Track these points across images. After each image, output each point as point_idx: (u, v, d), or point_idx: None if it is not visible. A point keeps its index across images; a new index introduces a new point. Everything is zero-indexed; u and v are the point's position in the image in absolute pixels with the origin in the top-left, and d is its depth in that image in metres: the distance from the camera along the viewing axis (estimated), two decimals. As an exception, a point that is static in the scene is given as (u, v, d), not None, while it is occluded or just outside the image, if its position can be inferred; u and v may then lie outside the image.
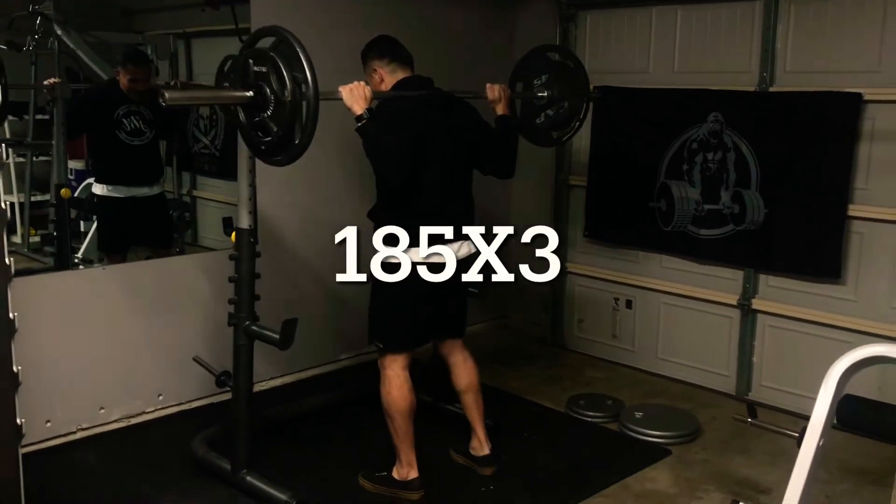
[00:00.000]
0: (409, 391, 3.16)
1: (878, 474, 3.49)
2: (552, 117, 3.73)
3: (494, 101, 3.34)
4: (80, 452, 3.62)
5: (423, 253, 3.06)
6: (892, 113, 3.75)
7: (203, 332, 4.09)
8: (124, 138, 4.33)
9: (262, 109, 2.72)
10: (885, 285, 3.86)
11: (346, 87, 2.91)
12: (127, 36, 4.79)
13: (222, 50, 4.72)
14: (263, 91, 2.69)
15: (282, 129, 2.68)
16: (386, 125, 2.93)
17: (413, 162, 2.97)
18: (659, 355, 4.75)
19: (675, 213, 4.49)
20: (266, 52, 2.70)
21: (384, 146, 2.90)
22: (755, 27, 4.13)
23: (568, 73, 3.68)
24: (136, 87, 4.31)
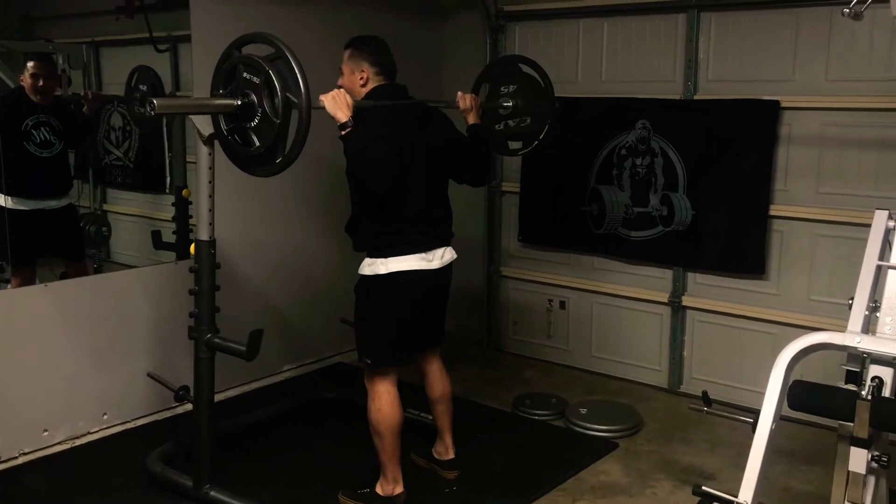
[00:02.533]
0: (399, 407, 3.16)
1: (807, 454, 3.75)
2: (513, 128, 3.77)
3: (466, 111, 3.40)
4: (25, 477, 3.48)
5: (410, 261, 3.09)
6: (807, 119, 4.04)
7: (146, 347, 4.02)
8: (33, 150, 4.17)
9: (248, 120, 2.71)
10: (805, 279, 4.15)
11: (327, 95, 2.92)
12: (36, 44, 4.63)
13: (133, 59, 4.65)
14: (251, 101, 2.69)
15: (268, 141, 2.69)
16: (371, 132, 2.92)
17: (397, 167, 2.98)
18: (593, 353, 4.93)
19: (605, 217, 4.68)
20: (259, 62, 2.69)
21: (371, 153, 2.88)
22: (678, 39, 4.37)
23: (537, 90, 3.71)
24: (40, 86, 4.12)
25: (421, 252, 3.11)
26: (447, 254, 3.24)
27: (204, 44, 4.11)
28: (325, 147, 4.69)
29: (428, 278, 3.15)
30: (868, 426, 2.49)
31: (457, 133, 3.35)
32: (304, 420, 4.08)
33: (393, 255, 3.07)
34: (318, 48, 4.62)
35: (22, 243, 4.27)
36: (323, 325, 4.80)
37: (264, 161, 2.79)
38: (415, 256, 3.10)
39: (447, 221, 3.30)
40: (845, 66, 3.91)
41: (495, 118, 3.73)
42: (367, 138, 2.90)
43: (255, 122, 2.73)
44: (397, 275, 3.08)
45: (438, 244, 3.19)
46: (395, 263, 3.08)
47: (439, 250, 3.19)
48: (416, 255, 3.10)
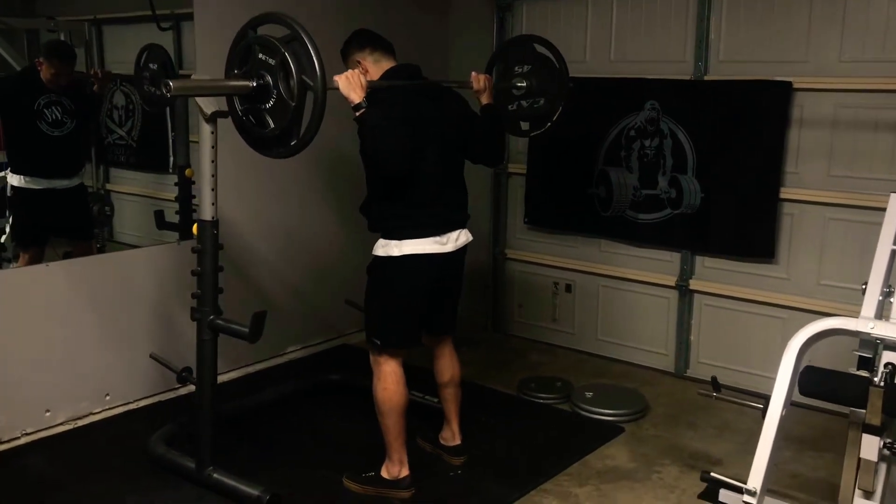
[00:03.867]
0: (405, 387, 3.14)
1: (814, 441, 3.72)
2: (525, 109, 3.73)
3: (479, 91, 3.35)
4: (27, 458, 3.46)
5: (424, 244, 3.06)
6: (820, 100, 3.97)
7: (149, 328, 4.00)
8: (45, 129, 4.14)
9: (263, 101, 2.69)
10: (815, 263, 4.10)
11: (340, 76, 2.87)
12: (38, 21, 4.57)
13: (135, 37, 4.59)
14: (266, 82, 2.67)
15: (283, 123, 2.68)
16: (383, 113, 2.89)
17: (413, 150, 2.94)
18: (599, 337, 4.89)
19: (613, 199, 4.63)
20: (275, 43, 2.65)
21: (385, 133, 2.85)
22: (689, 18, 4.29)
23: (552, 71, 3.67)
24: (58, 81, 4.13)
25: (435, 235, 3.07)
26: (462, 236, 3.20)
27: (206, 22, 4.07)
28: (332, 126, 4.64)
29: (441, 261, 3.11)
30: (881, 413, 2.45)
31: (471, 113, 3.31)
32: (309, 402, 4.05)
33: (407, 237, 3.04)
34: (324, 31, 4.55)
35: (32, 223, 4.26)
36: (327, 306, 4.77)
37: (279, 143, 2.77)
38: (429, 239, 3.06)
39: (463, 203, 3.26)
40: (860, 47, 3.83)
41: (508, 98, 3.69)
42: (380, 119, 2.86)
43: (271, 104, 2.71)
44: (410, 257, 3.04)
45: (453, 227, 3.15)
46: (409, 246, 3.04)
47: (454, 233, 3.15)
48: (430, 238, 3.06)
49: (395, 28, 4.87)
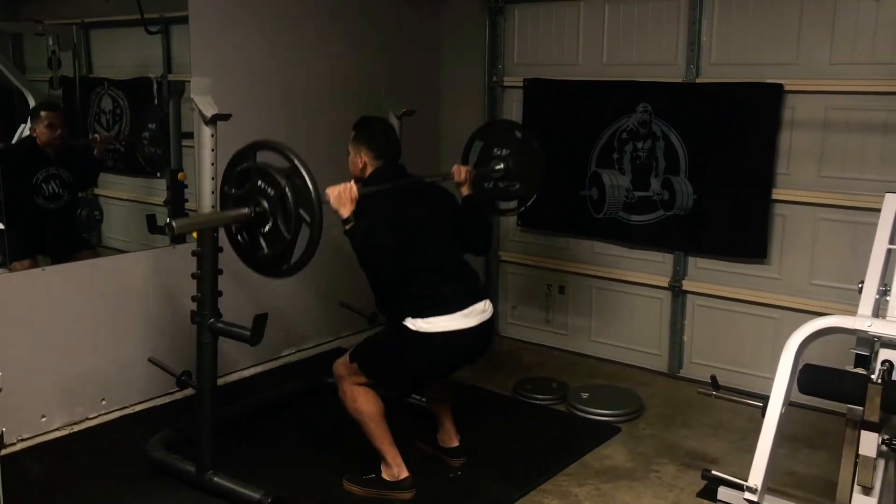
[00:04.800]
0: (374, 394, 3.15)
1: (809, 438, 3.76)
2: (502, 189, 3.83)
3: (460, 184, 3.46)
4: (24, 463, 3.44)
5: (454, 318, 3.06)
6: (811, 102, 4.01)
7: (144, 332, 3.98)
8: (41, 203, 4.12)
9: (259, 226, 2.79)
10: (806, 263, 4.14)
11: (333, 189, 2.96)
12: (25, 25, 4.55)
13: (124, 41, 4.58)
14: (263, 209, 2.76)
15: (277, 250, 2.78)
16: (373, 218, 2.99)
17: (403, 252, 3.02)
18: (592, 338, 4.92)
19: (606, 201, 4.66)
20: (275, 177, 2.73)
21: (374, 243, 2.96)
22: (681, 21, 4.33)
23: (529, 157, 3.77)
24: (54, 135, 4.08)
25: (460, 309, 3.08)
26: (488, 306, 3.21)
27: (201, 24, 4.06)
28: (329, 128, 4.68)
29: (466, 337, 3.11)
30: (879, 410, 2.49)
31: (456, 205, 3.40)
32: (307, 405, 4.05)
33: (435, 314, 3.04)
34: (317, 30, 4.60)
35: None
36: (323, 309, 4.77)
37: (271, 265, 2.87)
38: (456, 315, 3.06)
39: (475, 275, 3.31)
40: (850, 49, 3.88)
41: (486, 176, 3.79)
42: (367, 230, 2.97)
43: (266, 229, 2.80)
44: (440, 335, 3.04)
45: (475, 298, 3.16)
46: (440, 322, 3.04)
47: (479, 304, 3.15)
48: (457, 313, 3.06)
49: (387, 26, 4.94)
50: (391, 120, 4.13)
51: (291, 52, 4.48)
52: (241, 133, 4.09)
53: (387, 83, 4.53)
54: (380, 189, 3.14)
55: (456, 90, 5.27)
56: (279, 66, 4.43)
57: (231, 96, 3.91)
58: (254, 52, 4.31)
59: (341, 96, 4.72)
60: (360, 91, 4.74)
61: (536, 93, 4.85)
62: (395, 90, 4.43)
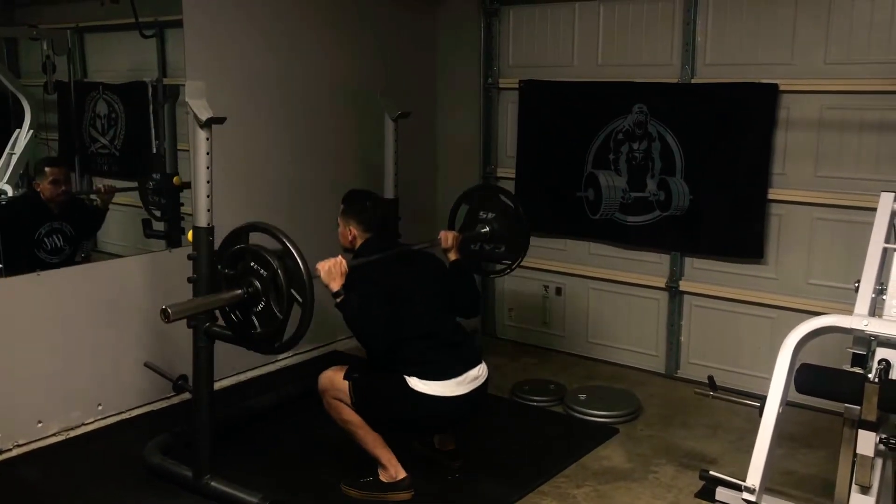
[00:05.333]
0: None
1: (806, 438, 3.76)
2: (488, 251, 3.94)
3: (447, 250, 3.51)
4: (20, 469, 3.43)
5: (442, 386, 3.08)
6: (806, 102, 4.02)
7: (140, 337, 3.97)
8: (43, 257, 4.08)
9: (252, 305, 2.84)
10: (803, 263, 4.14)
11: (324, 264, 3.02)
12: (20, 29, 4.54)
13: (118, 45, 4.56)
14: (255, 289, 2.82)
15: (269, 329, 2.83)
16: (363, 291, 3.05)
17: (394, 323, 3.06)
18: (589, 339, 4.92)
19: (602, 202, 4.66)
20: (267, 259, 2.79)
21: (365, 316, 3.03)
22: (676, 21, 4.34)
23: (514, 223, 3.88)
24: (58, 190, 4.08)
25: (451, 378, 3.10)
26: (482, 370, 3.24)
27: (196, 29, 4.05)
28: (322, 134, 4.68)
29: (458, 403, 3.13)
30: (876, 409, 2.49)
31: (444, 268, 3.46)
32: (304, 409, 4.02)
33: (430, 378, 3.07)
34: (311, 31, 4.60)
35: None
36: (318, 314, 4.73)
37: (263, 343, 2.93)
38: (446, 382, 3.09)
39: (468, 341, 3.33)
40: (845, 49, 3.89)
41: (472, 239, 3.88)
42: (358, 304, 3.03)
43: (258, 309, 2.85)
44: (433, 398, 3.07)
45: (467, 366, 3.17)
46: (430, 386, 3.06)
47: (472, 371, 3.18)
48: (446, 381, 3.09)
49: (383, 29, 4.94)
50: (387, 122, 4.13)
51: (287, 54, 4.47)
52: (239, 136, 4.13)
53: (382, 85, 4.52)
54: (369, 261, 3.21)
55: (452, 92, 5.27)
56: (275, 69, 4.43)
57: (227, 99, 3.92)
58: (249, 55, 4.30)
59: (338, 98, 4.72)
60: (356, 93, 4.74)
61: (532, 94, 4.85)
62: (392, 92, 4.42)
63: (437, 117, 5.36)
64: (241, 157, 4.25)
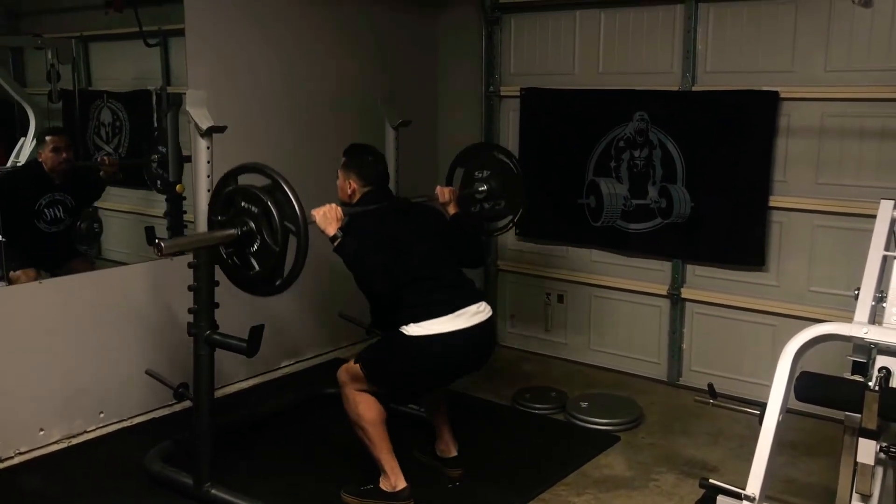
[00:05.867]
0: (377, 402, 3.14)
1: (808, 446, 3.75)
2: (488, 210, 3.91)
3: (445, 204, 3.51)
4: (21, 477, 3.43)
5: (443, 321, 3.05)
6: (806, 109, 4.02)
7: (142, 345, 3.98)
8: (43, 227, 4.15)
9: (247, 245, 2.84)
10: (804, 270, 4.14)
11: (318, 210, 3.02)
12: (24, 39, 4.57)
13: (122, 53, 4.59)
14: (250, 228, 2.81)
15: (267, 266, 2.83)
16: (361, 238, 3.03)
17: (395, 266, 3.04)
18: (592, 346, 4.91)
19: (603, 209, 4.66)
20: (257, 194, 2.78)
21: (365, 259, 3.01)
22: (676, 29, 4.34)
23: (509, 175, 3.87)
24: (60, 158, 4.12)
25: (448, 313, 3.07)
26: (484, 307, 3.21)
27: (198, 37, 4.07)
28: (324, 141, 4.69)
29: (461, 340, 3.09)
30: (876, 417, 2.48)
31: (444, 221, 3.46)
32: (305, 416, 4.04)
33: (423, 319, 3.04)
34: (313, 40, 4.62)
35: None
36: (321, 320, 4.77)
37: (264, 283, 2.92)
38: (442, 318, 3.05)
39: (469, 281, 3.30)
40: (845, 56, 3.89)
41: (471, 201, 3.85)
42: (357, 246, 3.02)
43: (255, 248, 2.85)
44: (432, 338, 3.04)
45: (469, 300, 3.15)
46: (431, 325, 3.04)
47: (472, 306, 3.15)
48: (443, 316, 3.05)
49: (385, 37, 4.95)
50: (388, 130, 4.15)
51: (289, 62, 4.49)
52: (241, 144, 4.13)
53: (383, 93, 4.54)
54: (365, 210, 3.20)
55: (453, 100, 5.29)
56: (277, 77, 4.45)
57: (229, 108, 3.93)
58: (251, 64, 4.32)
59: (340, 105, 4.74)
60: (359, 100, 4.75)
61: (533, 102, 4.86)
62: (393, 100, 4.44)
63: (439, 125, 5.37)
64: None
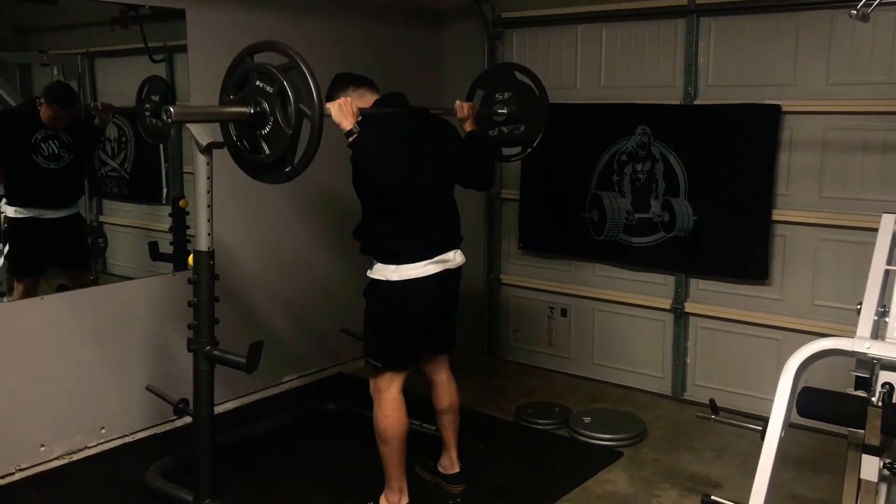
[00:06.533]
0: (405, 414, 3.13)
1: (813, 461, 3.71)
2: (506, 135, 3.79)
3: (463, 119, 3.41)
4: (22, 493, 3.43)
5: (422, 267, 3.07)
6: (809, 123, 4.01)
7: (144, 360, 3.98)
8: (41, 162, 4.14)
9: (259, 128, 2.72)
10: (808, 284, 4.12)
11: (333, 103, 2.91)
12: (31, 55, 4.59)
13: (128, 70, 4.60)
14: (263, 109, 2.71)
15: (278, 150, 2.71)
16: (377, 137, 2.93)
17: (410, 171, 2.98)
18: (595, 361, 4.89)
19: (606, 223, 4.65)
20: (273, 72, 2.68)
21: (382, 156, 2.90)
22: (678, 43, 4.34)
23: (532, 98, 3.73)
24: (57, 123, 4.13)
25: (432, 256, 3.09)
26: (458, 256, 3.22)
27: (200, 53, 4.09)
28: (327, 153, 4.68)
29: (439, 280, 3.12)
30: (880, 433, 2.45)
31: (459, 137, 3.36)
32: (306, 432, 4.03)
33: (404, 261, 3.05)
34: (316, 56, 4.62)
35: (28, 253, 4.23)
36: (323, 335, 4.76)
37: (273, 169, 2.81)
38: (426, 262, 3.07)
39: (456, 223, 3.28)
40: (847, 70, 3.88)
41: (490, 125, 3.74)
42: (375, 143, 2.90)
43: (266, 131, 2.75)
44: (410, 282, 3.05)
45: (448, 247, 3.17)
46: (407, 271, 3.05)
47: (450, 253, 3.17)
48: (427, 260, 3.07)
49: (387, 52, 4.96)
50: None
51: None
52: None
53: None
54: (381, 112, 3.09)
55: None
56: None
57: (230, 124, 3.94)
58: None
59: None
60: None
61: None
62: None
63: (442, 139, 5.36)
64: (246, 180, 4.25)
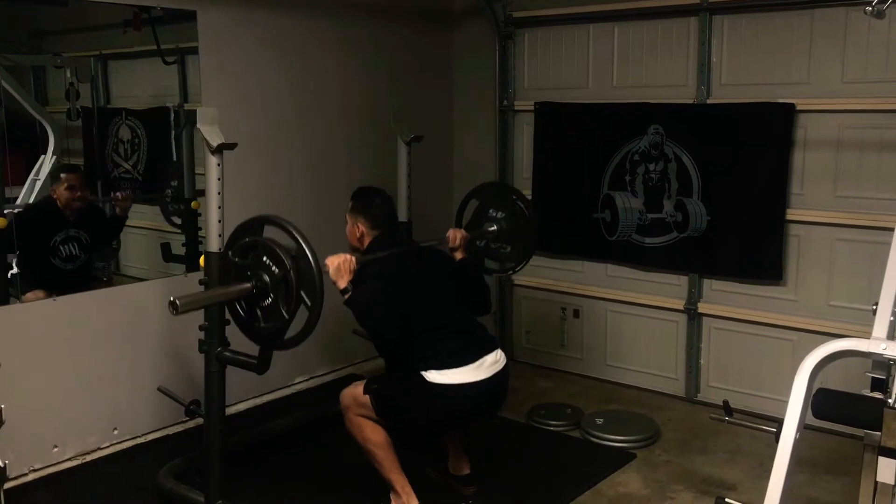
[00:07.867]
0: (381, 426, 3.13)
1: (829, 464, 3.68)
2: (493, 250, 3.93)
3: (454, 249, 3.51)
4: (35, 494, 3.44)
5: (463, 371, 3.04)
6: (823, 121, 3.97)
7: (156, 361, 3.99)
8: (58, 264, 4.12)
9: (259, 300, 2.83)
10: (823, 284, 4.08)
11: (333, 260, 3.02)
12: (45, 58, 4.61)
13: (141, 71, 4.62)
14: (265, 284, 2.81)
15: (274, 325, 2.82)
16: (371, 287, 3.03)
17: (405, 317, 3.04)
18: (608, 362, 4.86)
19: (619, 224, 4.63)
20: (282, 258, 2.77)
21: (375, 311, 3.01)
22: (691, 42, 4.31)
23: (522, 224, 3.87)
24: (74, 196, 4.10)
25: (468, 363, 3.05)
26: (498, 356, 3.17)
27: (211, 55, 4.10)
28: (335, 154, 4.70)
29: (479, 389, 3.07)
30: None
31: (453, 266, 3.46)
32: (317, 434, 4.02)
33: (446, 367, 3.02)
34: (326, 57, 4.63)
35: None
36: (335, 336, 4.74)
37: (265, 337, 2.92)
38: (463, 368, 3.04)
39: (481, 328, 3.27)
40: (862, 68, 3.84)
41: (479, 235, 3.85)
42: (366, 300, 3.02)
43: (265, 304, 2.84)
44: (448, 387, 3.01)
45: (483, 351, 3.13)
46: (448, 375, 3.02)
47: (489, 356, 3.12)
48: (464, 367, 3.04)
49: (398, 52, 4.96)
50: (399, 146, 4.14)
51: (303, 79, 4.51)
52: (255, 160, 4.16)
53: (396, 107, 4.53)
54: (377, 257, 3.19)
55: (467, 114, 5.29)
56: (291, 94, 4.47)
57: (242, 125, 3.95)
58: (265, 82, 4.34)
59: (353, 121, 4.74)
60: (372, 116, 4.75)
61: (547, 116, 4.84)
62: (406, 115, 4.43)
63: (453, 140, 5.37)
64: (257, 180, 4.28)
